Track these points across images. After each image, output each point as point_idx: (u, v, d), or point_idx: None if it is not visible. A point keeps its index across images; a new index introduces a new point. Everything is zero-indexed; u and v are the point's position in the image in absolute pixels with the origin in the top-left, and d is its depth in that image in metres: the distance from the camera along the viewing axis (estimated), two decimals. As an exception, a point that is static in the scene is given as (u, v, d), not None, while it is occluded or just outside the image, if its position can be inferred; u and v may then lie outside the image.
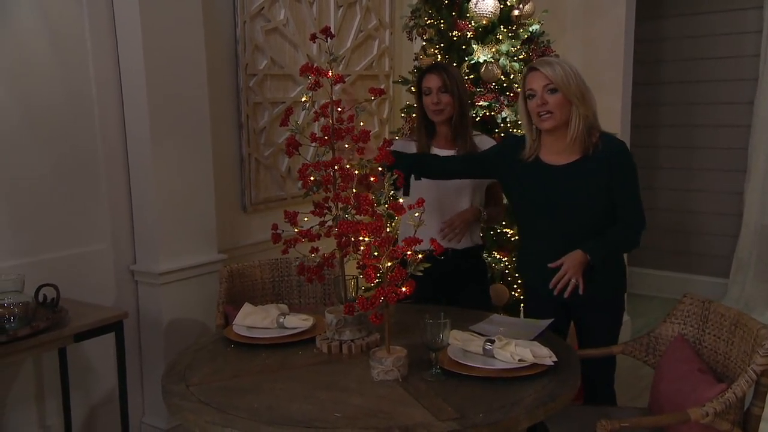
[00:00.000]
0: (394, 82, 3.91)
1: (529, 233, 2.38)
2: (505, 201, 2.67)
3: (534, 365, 1.77)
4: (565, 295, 2.12)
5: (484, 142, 2.61)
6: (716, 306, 2.09)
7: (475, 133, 2.64)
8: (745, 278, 4.54)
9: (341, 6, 3.64)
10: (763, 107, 4.41)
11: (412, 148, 2.61)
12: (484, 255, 2.90)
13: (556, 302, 2.23)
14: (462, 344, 1.87)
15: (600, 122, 2.44)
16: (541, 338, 1.98)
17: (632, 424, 1.81)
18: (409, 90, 3.52)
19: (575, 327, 2.38)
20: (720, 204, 4.71)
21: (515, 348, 1.82)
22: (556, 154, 2.22)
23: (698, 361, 2.01)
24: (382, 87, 3.91)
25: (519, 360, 1.78)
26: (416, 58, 3.50)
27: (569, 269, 2.11)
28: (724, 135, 4.65)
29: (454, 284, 2.59)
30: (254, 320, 2.13)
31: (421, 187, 2.48)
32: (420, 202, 1.80)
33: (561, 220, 2.21)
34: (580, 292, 2.14)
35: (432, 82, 2.52)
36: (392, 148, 2.56)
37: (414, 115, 3.37)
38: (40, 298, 2.28)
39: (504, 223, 3.28)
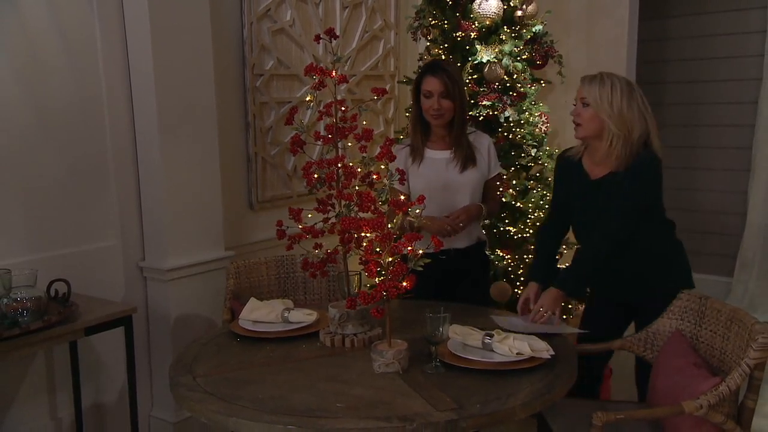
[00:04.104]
0: (399, 82, 3.96)
1: (577, 236, 2.47)
2: (503, 197, 2.71)
3: (532, 358, 1.82)
4: (540, 322, 2.22)
5: (479, 139, 2.60)
6: (712, 302, 2.13)
7: (469, 130, 2.61)
8: (749, 277, 4.55)
9: (347, 7, 3.69)
10: (767, 107, 4.43)
11: (404, 154, 2.58)
12: (487, 252, 2.89)
13: (614, 303, 2.38)
14: (461, 338, 1.92)
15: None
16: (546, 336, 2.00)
17: (628, 416, 1.86)
18: (414, 90, 3.57)
19: (636, 327, 2.39)
20: (724, 203, 4.72)
21: (513, 342, 1.86)
22: (593, 163, 2.34)
23: (694, 356, 2.05)
24: (387, 87, 3.97)
25: (517, 353, 1.82)
26: (421, 59, 3.55)
27: (544, 305, 2.24)
28: (728, 134, 4.66)
29: (456, 283, 2.60)
30: (260, 315, 2.19)
31: (421, 186, 2.51)
32: (420, 199, 1.85)
33: (593, 228, 2.30)
34: (556, 324, 2.23)
35: (433, 85, 2.47)
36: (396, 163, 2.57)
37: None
38: (52, 292, 2.34)
39: (507, 221, 3.33)
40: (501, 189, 2.83)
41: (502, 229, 3.31)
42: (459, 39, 3.32)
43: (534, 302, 2.31)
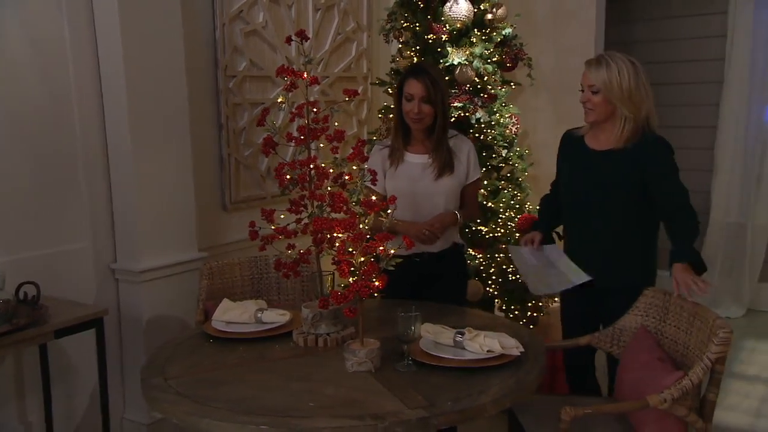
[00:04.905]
0: (371, 83, 3.98)
1: (570, 219, 2.52)
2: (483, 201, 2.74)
3: (502, 356, 1.85)
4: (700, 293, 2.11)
5: (459, 145, 2.57)
6: (676, 298, 2.19)
7: (452, 133, 2.59)
8: (712, 275, 4.67)
9: (319, 9, 3.71)
10: (728, 109, 4.56)
11: (384, 154, 2.58)
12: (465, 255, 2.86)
13: (585, 286, 2.41)
14: (433, 336, 1.95)
15: (571, 122, 2.56)
16: (509, 331, 2.05)
17: (594, 411, 1.91)
18: (387, 92, 3.60)
19: (600, 312, 2.44)
20: (688, 203, 4.84)
21: (484, 339, 1.90)
22: (596, 139, 2.39)
23: (659, 351, 2.11)
24: (360, 89, 3.99)
25: (488, 351, 1.86)
26: (393, 61, 3.58)
27: (686, 281, 2.11)
28: (692, 136, 4.78)
29: (430, 285, 2.57)
30: (233, 315, 2.19)
31: (395, 189, 2.50)
32: (392, 200, 1.88)
33: (592, 202, 2.36)
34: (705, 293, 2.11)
35: (415, 89, 2.44)
36: (371, 157, 2.60)
37: (391, 116, 3.46)
38: (21, 295, 2.31)
39: (479, 221, 3.37)
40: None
41: (474, 228, 3.35)
42: (430, 41, 3.36)
43: (538, 245, 2.51)
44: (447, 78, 3.37)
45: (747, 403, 3.33)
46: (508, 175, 3.52)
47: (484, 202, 3.36)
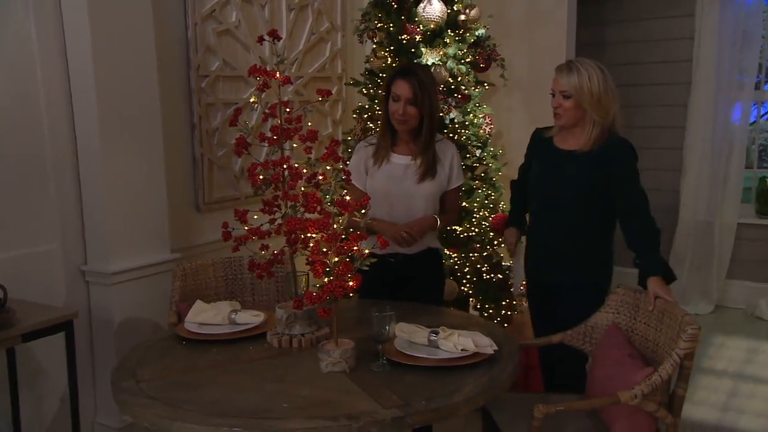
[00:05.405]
0: (346, 84, 3.98)
1: (536, 217, 2.57)
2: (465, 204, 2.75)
3: (476, 354, 1.86)
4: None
5: (443, 149, 2.53)
6: (647, 295, 2.23)
7: (437, 137, 2.54)
8: (681, 272, 4.76)
9: (293, 9, 3.69)
10: (696, 110, 4.65)
11: (368, 152, 2.55)
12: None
13: (542, 284, 2.51)
14: (408, 336, 1.95)
15: (544, 122, 2.59)
16: (483, 330, 2.06)
17: (567, 408, 1.93)
18: (361, 92, 3.60)
19: (557, 311, 2.47)
20: (658, 201, 4.90)
21: (458, 338, 1.91)
22: (566, 142, 2.45)
23: (630, 348, 2.14)
24: (334, 89, 3.99)
25: (462, 350, 1.87)
26: (367, 61, 3.58)
27: (659, 293, 2.16)
28: (662, 136, 4.87)
29: (404, 286, 2.55)
30: (206, 317, 2.17)
31: (376, 188, 2.50)
32: (365, 199, 1.88)
33: (560, 202, 2.42)
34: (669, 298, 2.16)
35: (402, 89, 2.40)
36: (354, 153, 2.59)
37: (365, 116, 3.46)
38: (-12, 299, 2.27)
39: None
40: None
41: (448, 228, 3.36)
42: (404, 42, 3.36)
43: (516, 244, 2.63)
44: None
45: (715, 398, 3.41)
46: (482, 174, 3.54)
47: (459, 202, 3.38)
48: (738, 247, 4.71)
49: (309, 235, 1.82)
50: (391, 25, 3.42)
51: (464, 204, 3.40)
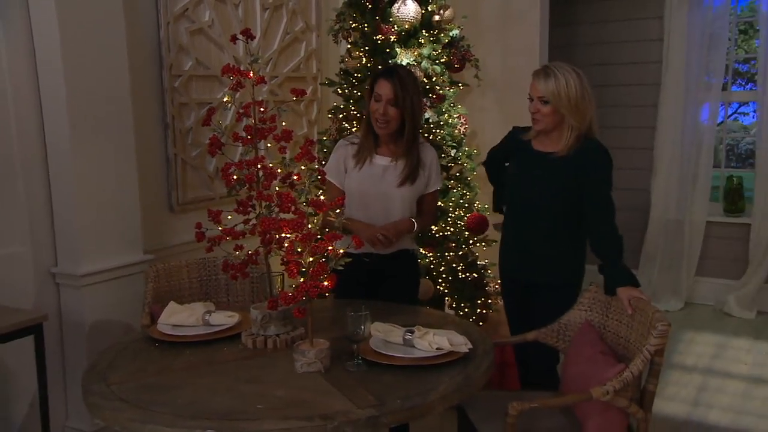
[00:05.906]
0: (321, 84, 3.97)
1: (512, 217, 2.59)
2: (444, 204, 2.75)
3: (451, 353, 1.87)
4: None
5: (424, 152, 2.52)
6: (618, 301, 2.25)
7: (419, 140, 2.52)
8: (652, 270, 4.85)
9: (267, 8, 3.67)
10: (665, 111, 4.73)
11: (348, 150, 2.53)
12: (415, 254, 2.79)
13: (518, 283, 2.52)
14: (383, 335, 1.96)
15: (518, 122, 2.62)
16: (459, 328, 2.08)
17: (541, 405, 1.95)
18: (336, 92, 3.60)
19: (533, 309, 2.51)
20: (629, 201, 4.99)
21: (433, 337, 1.92)
22: (544, 145, 2.46)
23: (602, 345, 2.17)
24: (309, 89, 3.98)
25: (437, 348, 1.88)
26: (342, 61, 3.58)
27: (635, 296, 2.19)
28: (632, 136, 4.95)
29: (379, 284, 2.56)
30: (180, 318, 2.15)
31: (353, 188, 2.49)
32: (340, 200, 1.88)
33: (538, 204, 2.44)
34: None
35: (384, 89, 2.38)
36: (335, 150, 2.58)
37: (341, 116, 3.45)
38: (-46, 302, 2.22)
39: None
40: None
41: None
42: (379, 42, 3.37)
43: None
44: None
45: (685, 393, 3.47)
46: (457, 174, 3.56)
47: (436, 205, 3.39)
48: (707, 245, 4.80)
49: (283, 235, 1.82)
50: (366, 25, 3.43)
51: (440, 203, 3.41)
